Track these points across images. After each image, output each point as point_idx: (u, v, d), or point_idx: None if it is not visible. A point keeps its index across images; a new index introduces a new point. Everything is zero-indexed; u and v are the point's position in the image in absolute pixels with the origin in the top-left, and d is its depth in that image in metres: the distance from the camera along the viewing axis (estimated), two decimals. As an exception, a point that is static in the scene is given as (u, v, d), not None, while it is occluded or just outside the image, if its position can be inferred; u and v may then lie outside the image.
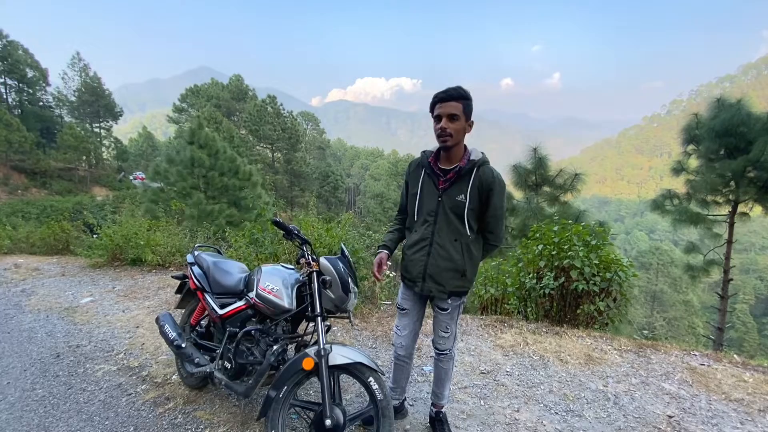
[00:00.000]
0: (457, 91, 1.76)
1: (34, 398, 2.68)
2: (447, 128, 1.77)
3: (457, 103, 1.76)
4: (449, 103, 1.76)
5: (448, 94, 1.76)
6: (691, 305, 35.65)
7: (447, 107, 1.76)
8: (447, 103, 1.76)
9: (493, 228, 1.94)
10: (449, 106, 1.76)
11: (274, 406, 1.90)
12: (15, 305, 4.64)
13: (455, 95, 1.76)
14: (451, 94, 1.76)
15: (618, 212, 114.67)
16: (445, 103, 1.77)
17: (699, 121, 9.72)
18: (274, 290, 2.14)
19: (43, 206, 27.04)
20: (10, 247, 8.31)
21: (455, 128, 1.77)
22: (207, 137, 16.92)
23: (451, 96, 1.76)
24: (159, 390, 2.71)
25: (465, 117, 1.78)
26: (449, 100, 1.76)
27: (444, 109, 1.77)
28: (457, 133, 1.79)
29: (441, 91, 1.79)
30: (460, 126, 1.78)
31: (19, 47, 40.38)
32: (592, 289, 3.58)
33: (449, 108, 1.76)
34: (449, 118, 1.77)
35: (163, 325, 2.56)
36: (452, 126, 1.77)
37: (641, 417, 2.30)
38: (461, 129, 1.80)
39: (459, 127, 1.78)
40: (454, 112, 1.76)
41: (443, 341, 2.08)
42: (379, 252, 2.10)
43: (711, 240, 9.99)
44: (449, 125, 1.77)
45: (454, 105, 1.76)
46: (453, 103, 1.76)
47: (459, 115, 1.76)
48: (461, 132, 1.81)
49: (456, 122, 1.77)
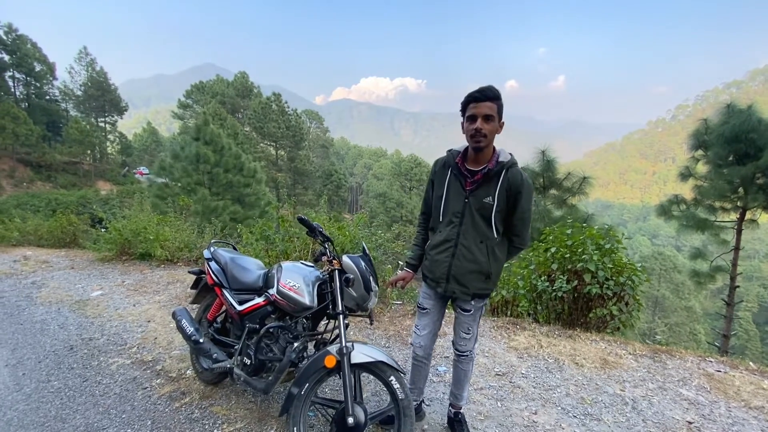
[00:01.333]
0: (491, 90, 1.72)
1: (50, 390, 2.69)
2: (482, 129, 1.73)
3: (492, 104, 1.72)
4: (485, 104, 1.71)
5: (484, 94, 1.71)
6: (693, 311, 35.49)
7: (482, 107, 1.72)
8: (482, 103, 1.72)
9: (519, 231, 1.93)
10: (484, 106, 1.72)
11: (296, 403, 1.90)
12: (26, 297, 4.66)
13: (490, 95, 1.71)
14: (487, 94, 1.71)
15: (621, 216, 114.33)
16: (480, 103, 1.72)
17: (708, 127, 9.68)
18: (295, 287, 2.13)
19: (48, 199, 27.13)
20: (19, 239, 8.34)
21: (490, 129, 1.74)
22: (212, 134, 16.97)
23: (487, 96, 1.71)
24: (174, 384, 2.72)
25: (498, 117, 1.75)
26: (485, 100, 1.71)
27: (479, 109, 1.72)
28: (490, 134, 1.76)
29: (476, 91, 1.74)
30: (494, 127, 1.75)
31: (27, 41, 40.58)
32: (605, 293, 3.57)
33: (484, 108, 1.72)
34: (484, 119, 1.72)
35: (180, 320, 2.56)
36: (487, 127, 1.73)
37: (661, 422, 2.28)
38: (494, 130, 1.76)
39: (493, 128, 1.75)
40: (489, 112, 1.72)
41: (465, 342, 2.07)
42: (405, 270, 2.16)
43: (717, 246, 9.96)
44: (484, 126, 1.73)
45: (489, 105, 1.71)
46: (488, 104, 1.71)
47: (494, 116, 1.73)
48: (494, 133, 1.78)
49: (491, 123, 1.74)
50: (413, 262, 2.15)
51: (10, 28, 38.40)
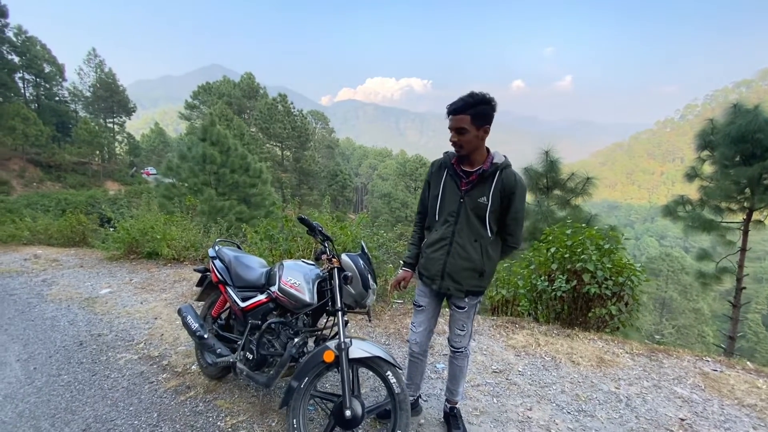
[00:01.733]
0: (464, 102, 1.79)
1: (60, 383, 2.79)
2: (457, 141, 1.86)
3: (464, 116, 1.80)
4: (456, 117, 1.82)
5: (455, 108, 1.81)
6: (701, 313, 35.09)
7: (454, 121, 1.83)
8: (454, 116, 1.83)
9: (512, 230, 1.99)
10: (456, 120, 1.82)
11: (295, 396, 1.97)
12: (37, 294, 4.79)
13: (461, 107, 1.80)
14: (458, 107, 1.81)
15: (628, 217, 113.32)
16: (453, 117, 1.83)
17: (714, 127, 9.62)
18: (296, 285, 2.20)
19: (57, 199, 27.55)
20: (29, 238, 8.52)
21: (465, 140, 1.84)
22: (219, 134, 17.14)
23: (457, 109, 1.81)
24: (179, 379, 2.81)
25: (475, 126, 1.81)
26: (456, 114, 1.82)
27: (452, 122, 1.84)
28: (468, 144, 1.85)
29: (450, 104, 1.84)
30: (470, 137, 1.83)
31: (37, 43, 41.19)
32: (604, 293, 3.60)
33: (456, 122, 1.82)
34: (457, 131, 1.84)
35: (185, 316, 2.64)
36: (462, 139, 1.84)
37: (653, 419, 2.32)
38: (472, 139, 1.84)
39: (469, 138, 1.83)
40: (461, 125, 1.81)
41: (459, 339, 2.13)
42: (403, 269, 2.20)
43: (724, 247, 9.89)
44: (458, 138, 1.85)
45: (460, 118, 1.81)
46: (459, 116, 1.81)
47: (467, 128, 1.81)
48: (473, 141, 1.85)
49: (465, 135, 1.82)
50: (410, 261, 2.21)
51: (19, 30, 39.01)
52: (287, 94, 47.85)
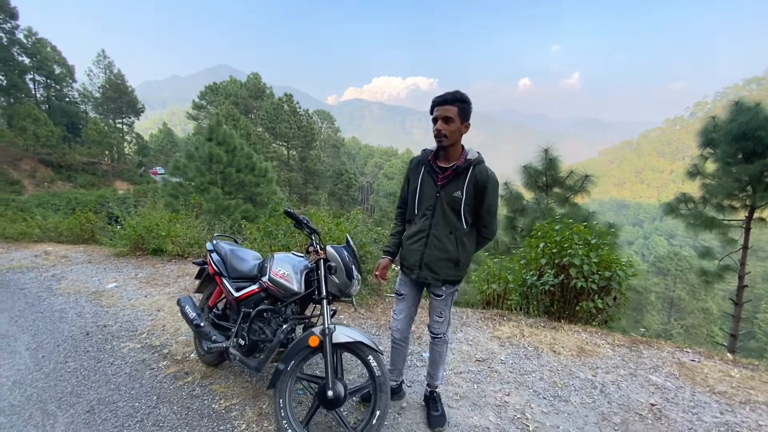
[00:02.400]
0: (452, 94, 1.92)
1: (66, 369, 2.96)
2: (442, 130, 1.94)
3: (453, 107, 1.91)
4: (445, 107, 1.92)
5: (444, 99, 1.92)
6: (710, 313, 34.66)
7: (443, 110, 1.93)
8: (443, 106, 1.93)
9: (486, 222, 2.11)
10: (444, 109, 1.92)
11: (282, 378, 2.11)
12: (46, 288, 5.00)
13: (451, 99, 1.92)
14: (447, 98, 1.92)
15: (637, 216, 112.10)
16: (441, 107, 1.93)
17: (716, 124, 9.60)
18: (285, 275, 2.35)
19: (68, 198, 28.09)
20: (40, 235, 8.78)
21: (450, 130, 1.94)
22: (225, 134, 17.38)
23: (447, 100, 1.92)
24: (179, 366, 2.96)
25: (461, 120, 1.94)
26: (445, 104, 1.92)
27: (440, 112, 1.93)
28: (451, 134, 1.95)
29: (439, 95, 1.96)
30: (455, 128, 1.94)
31: (47, 44, 41.89)
32: (590, 286, 3.69)
33: (444, 111, 1.92)
34: (444, 120, 1.93)
35: (183, 306, 2.80)
36: (447, 128, 1.94)
37: (625, 404, 2.43)
38: (456, 130, 1.95)
39: (454, 128, 1.94)
40: (449, 115, 1.92)
41: (438, 326, 2.25)
42: (383, 257, 2.31)
43: (726, 245, 9.87)
44: (444, 127, 1.93)
45: (447, 108, 1.92)
46: (448, 107, 1.92)
47: (454, 118, 1.92)
48: (456, 133, 1.96)
49: (451, 124, 1.93)
50: (390, 249, 2.33)
51: (30, 32, 39.71)
52: (293, 94, 48.15)
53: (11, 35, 37.93)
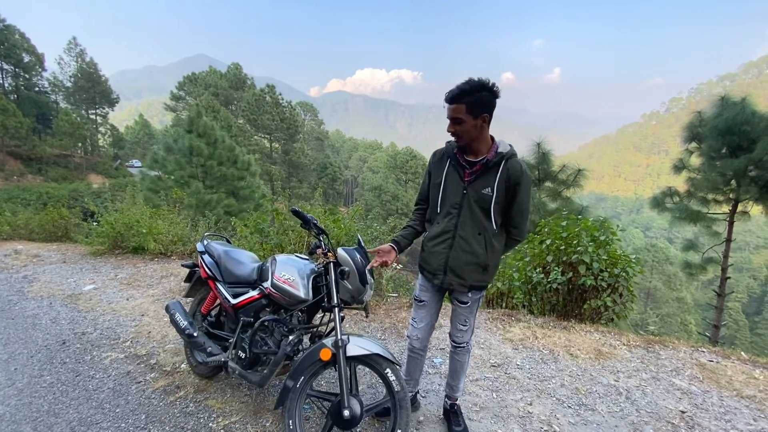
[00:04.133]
0: (459, 89, 1.71)
1: (42, 384, 2.66)
2: (453, 131, 1.80)
3: (459, 105, 1.73)
4: (451, 107, 1.75)
5: (451, 96, 1.74)
6: (684, 302, 36.02)
7: (450, 111, 1.76)
8: (450, 106, 1.76)
9: (517, 223, 1.91)
10: (451, 109, 1.76)
11: (291, 396, 1.89)
12: (18, 291, 4.60)
13: (457, 95, 1.72)
14: (454, 94, 1.73)
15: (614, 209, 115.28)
16: (449, 107, 1.76)
17: (702, 119, 9.72)
18: (290, 280, 2.11)
19: (39, 193, 26.79)
20: (9, 233, 8.22)
21: (462, 130, 1.77)
22: (206, 126, 16.79)
23: (453, 98, 1.73)
24: (168, 378, 2.70)
25: (472, 116, 1.73)
26: (452, 103, 1.75)
27: (449, 112, 1.77)
28: (465, 134, 1.78)
29: (447, 92, 1.77)
30: (467, 127, 1.76)
31: (15, 31, 39.67)
32: (599, 284, 3.59)
33: (451, 112, 1.76)
34: (453, 121, 1.77)
35: (173, 314, 2.53)
36: (458, 128, 1.77)
37: (654, 412, 2.31)
38: (469, 129, 1.76)
39: (465, 128, 1.76)
40: (457, 115, 1.75)
41: (461, 334, 2.07)
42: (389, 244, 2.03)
43: (710, 238, 10.07)
44: (455, 128, 1.78)
45: (455, 108, 1.74)
46: (454, 106, 1.74)
47: (462, 118, 1.74)
48: (470, 131, 1.77)
49: (461, 125, 1.76)
50: (398, 239, 2.07)
51: (-4, 18, 37.55)
52: (275, 85, 47.05)
53: (-25, 21, 35.78)
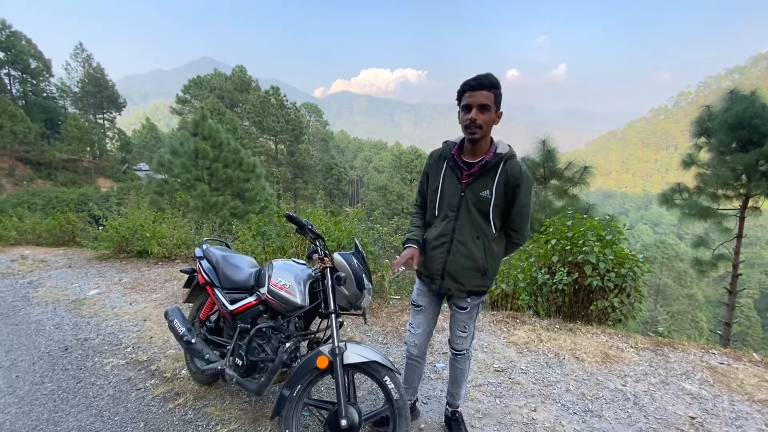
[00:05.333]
0: (488, 78, 1.61)
1: (43, 392, 2.66)
2: (477, 120, 1.63)
3: (489, 93, 1.61)
4: (481, 92, 1.61)
5: (480, 83, 1.60)
6: (695, 299, 35.51)
7: (478, 96, 1.61)
8: (478, 92, 1.61)
9: (517, 226, 1.84)
10: (480, 95, 1.61)
11: (288, 405, 1.85)
12: (23, 297, 4.63)
13: (487, 83, 1.60)
14: (483, 82, 1.60)
15: (622, 205, 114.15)
16: (476, 92, 1.62)
17: (711, 113, 9.54)
18: (286, 286, 2.07)
19: (48, 197, 27.17)
20: (17, 238, 8.31)
21: (485, 120, 1.64)
22: (211, 129, 16.87)
23: (483, 84, 1.60)
24: (168, 385, 2.68)
25: (495, 108, 1.65)
26: (481, 89, 1.61)
27: (474, 98, 1.62)
28: (486, 125, 1.66)
29: (472, 78, 1.63)
30: (491, 118, 1.65)
31: (22, 38, 40.31)
32: (606, 285, 3.51)
33: (480, 98, 1.61)
34: (480, 108, 1.62)
35: (172, 320, 2.51)
36: (482, 117, 1.63)
37: (663, 418, 2.23)
38: (491, 121, 1.66)
39: (489, 118, 1.64)
40: (486, 102, 1.61)
41: (461, 341, 2.01)
42: (407, 246, 1.90)
43: (720, 234, 9.88)
44: (479, 116, 1.63)
45: (485, 95, 1.61)
46: (485, 93, 1.61)
47: (490, 106, 1.62)
48: (490, 124, 1.67)
49: (487, 113, 1.63)
50: (415, 238, 1.94)
51: (3, 25, 38.12)
52: (280, 87, 47.22)
53: (-17, 28, 36.38)
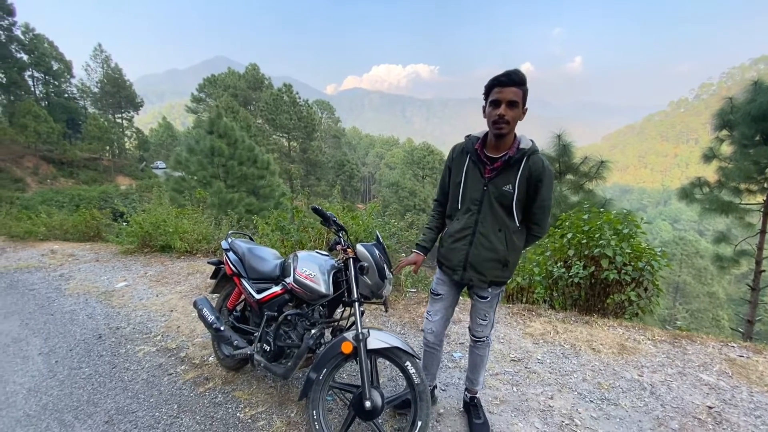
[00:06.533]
0: (518, 75, 1.65)
1: (81, 376, 2.82)
2: (505, 115, 1.67)
3: (518, 89, 1.65)
4: (510, 89, 1.65)
5: (510, 79, 1.64)
6: (716, 297, 34.59)
7: (507, 93, 1.65)
8: (508, 88, 1.65)
9: (539, 220, 1.89)
10: (510, 91, 1.65)
11: (314, 388, 1.96)
12: (55, 289, 4.86)
13: (517, 80, 1.64)
14: (513, 78, 1.64)
15: (640, 201, 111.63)
16: (505, 88, 1.65)
17: (733, 106, 9.29)
18: (311, 276, 2.18)
19: (71, 195, 28.05)
20: (46, 234, 8.65)
21: (513, 116, 1.69)
22: (226, 127, 17.15)
23: (513, 81, 1.64)
24: (198, 371, 2.82)
25: (522, 104, 1.69)
26: (510, 86, 1.65)
27: (504, 94, 1.66)
28: (513, 121, 1.70)
29: (502, 74, 1.67)
30: (517, 114, 1.70)
31: (44, 40, 41.45)
32: (623, 278, 3.52)
33: (509, 94, 1.65)
34: (509, 104, 1.67)
35: (201, 309, 2.64)
36: (511, 113, 1.68)
37: (680, 407, 2.27)
38: (518, 117, 1.71)
39: (516, 115, 1.69)
40: (514, 98, 1.66)
41: (481, 329, 2.08)
42: (414, 251, 2.12)
43: (742, 230, 9.65)
44: (508, 112, 1.67)
45: (514, 91, 1.65)
46: (514, 89, 1.65)
47: (518, 102, 1.67)
48: (518, 118, 1.72)
49: (515, 110, 1.68)
50: (424, 244, 2.13)
51: (27, 28, 39.25)
52: (292, 84, 47.55)
53: (9, 32, 37.53)
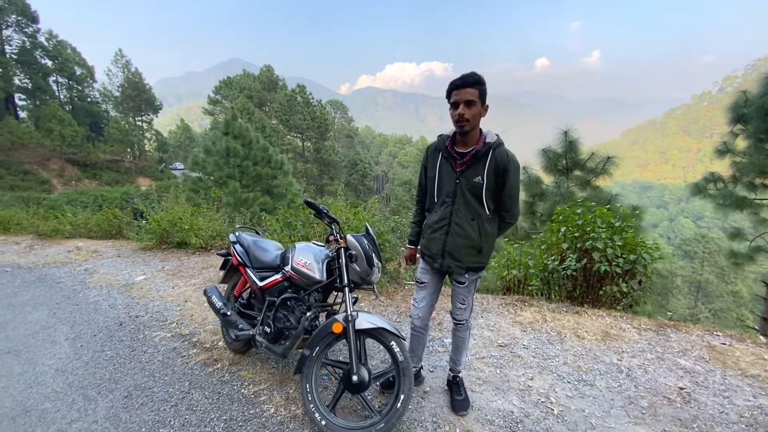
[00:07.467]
0: (472, 77, 1.86)
1: (104, 358, 3.11)
2: (464, 114, 1.88)
3: (473, 90, 1.85)
4: (465, 90, 1.85)
5: (465, 81, 1.85)
6: (739, 296, 33.55)
7: (463, 94, 1.86)
8: (463, 89, 1.86)
9: (508, 207, 2.07)
10: (465, 92, 1.85)
11: (307, 363, 2.17)
12: (80, 282, 5.23)
13: (471, 81, 1.85)
14: (467, 80, 1.85)
15: (661, 198, 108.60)
16: (461, 90, 1.86)
17: (747, 99, 9.12)
18: (307, 264, 2.40)
19: (94, 196, 29.17)
20: (71, 232, 9.16)
21: (472, 114, 1.88)
22: (241, 128, 17.58)
23: (467, 83, 1.85)
24: (208, 353, 3.08)
25: (481, 102, 1.89)
26: (465, 87, 1.85)
27: (461, 95, 1.87)
28: (473, 118, 1.90)
29: (457, 78, 1.89)
30: (477, 111, 1.89)
31: (67, 46, 43.08)
32: (614, 270, 3.62)
33: (465, 95, 1.86)
34: (466, 104, 1.87)
35: (210, 296, 2.90)
36: (469, 112, 1.88)
37: (652, 388, 2.39)
38: (477, 114, 1.90)
39: (475, 112, 1.89)
40: (471, 98, 1.86)
41: (460, 312, 2.26)
42: (407, 247, 2.41)
43: (758, 225, 9.48)
44: (466, 111, 1.87)
45: (470, 92, 1.85)
46: (469, 90, 1.85)
47: (475, 101, 1.87)
48: (477, 117, 1.91)
49: (472, 108, 1.88)
50: (412, 238, 2.39)
51: (50, 35, 40.86)
52: (306, 85, 48.19)
53: (33, 39, 39.12)
